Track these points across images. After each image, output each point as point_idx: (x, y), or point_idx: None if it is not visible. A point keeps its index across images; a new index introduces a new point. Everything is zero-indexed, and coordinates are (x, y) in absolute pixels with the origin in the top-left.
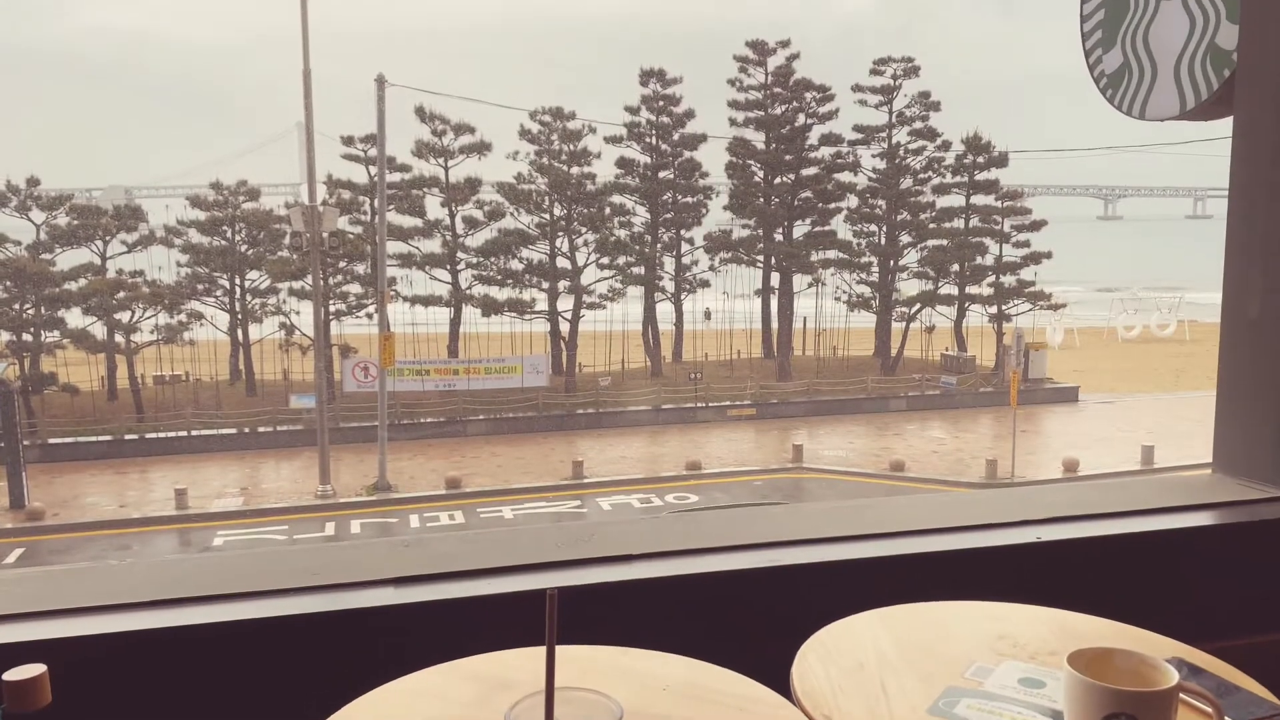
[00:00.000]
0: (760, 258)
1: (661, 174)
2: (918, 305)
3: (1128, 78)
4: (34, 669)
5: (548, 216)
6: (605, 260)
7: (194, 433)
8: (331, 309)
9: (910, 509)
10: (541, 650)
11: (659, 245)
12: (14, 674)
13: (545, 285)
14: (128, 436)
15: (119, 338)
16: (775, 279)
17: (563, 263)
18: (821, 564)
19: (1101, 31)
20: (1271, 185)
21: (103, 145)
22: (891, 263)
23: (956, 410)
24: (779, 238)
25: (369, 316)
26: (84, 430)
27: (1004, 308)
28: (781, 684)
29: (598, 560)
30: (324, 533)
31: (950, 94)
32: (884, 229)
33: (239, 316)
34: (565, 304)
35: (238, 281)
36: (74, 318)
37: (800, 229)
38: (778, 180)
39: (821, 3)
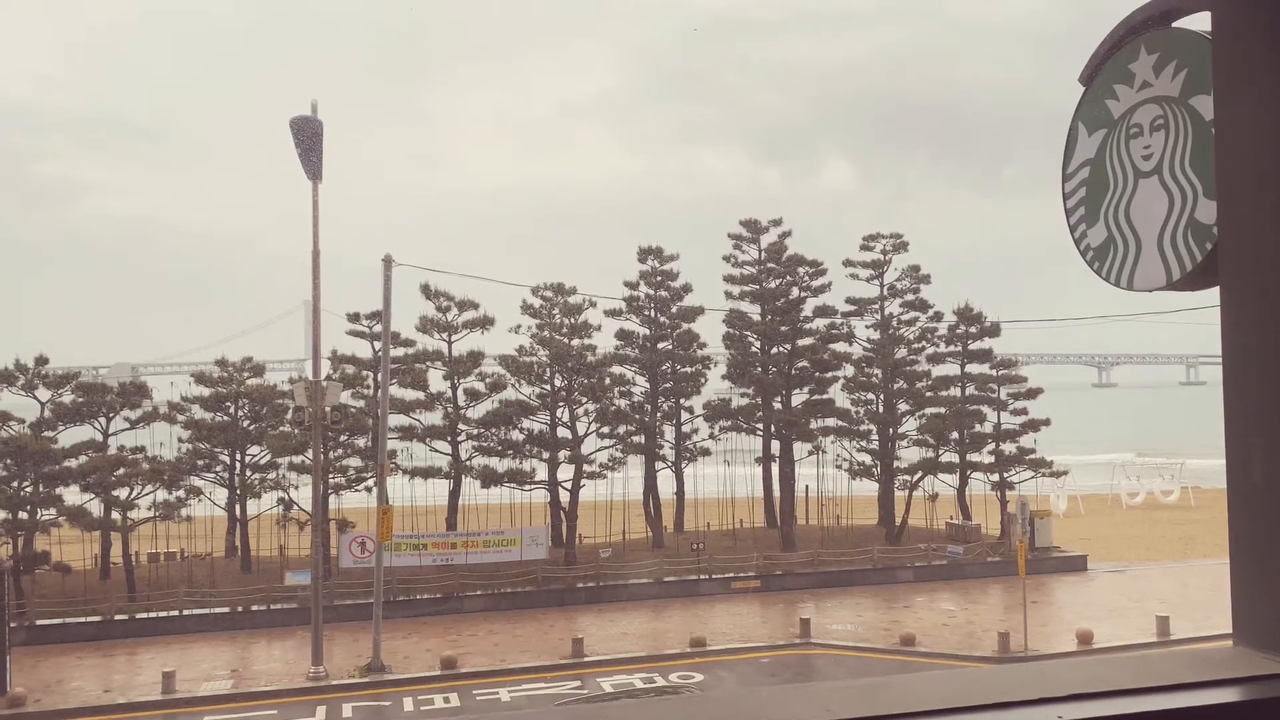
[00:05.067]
0: (760, 426)
1: (660, 345)
2: (919, 473)
3: (1113, 251)
4: None
5: (548, 387)
6: (605, 429)
7: (186, 612)
8: (330, 483)
9: (924, 687)
10: None
11: (659, 414)
12: None
13: (545, 455)
14: (118, 617)
15: (115, 515)
16: (775, 447)
17: (563, 432)
18: None
19: (1084, 209)
20: (1263, 353)
21: (111, 325)
22: (891, 430)
23: (965, 580)
24: (778, 406)
25: (368, 490)
26: (73, 611)
27: (1006, 475)
28: None
29: None
30: (314, 717)
31: (939, 265)
32: (881, 397)
33: (238, 492)
34: (565, 474)
35: (238, 457)
36: (72, 494)
37: (799, 397)
38: (774, 350)
39: (801, 181)
